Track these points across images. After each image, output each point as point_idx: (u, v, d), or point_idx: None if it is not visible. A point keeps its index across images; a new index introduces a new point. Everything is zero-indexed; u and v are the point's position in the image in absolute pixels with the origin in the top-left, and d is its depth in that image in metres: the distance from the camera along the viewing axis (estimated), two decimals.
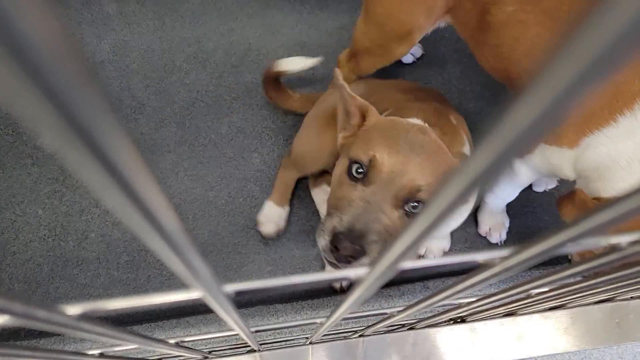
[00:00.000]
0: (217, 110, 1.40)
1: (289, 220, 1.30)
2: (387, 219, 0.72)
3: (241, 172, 1.35)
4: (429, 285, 1.28)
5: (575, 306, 0.62)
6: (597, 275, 0.44)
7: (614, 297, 0.61)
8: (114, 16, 1.48)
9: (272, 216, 1.28)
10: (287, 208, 1.29)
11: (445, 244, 1.30)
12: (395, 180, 0.72)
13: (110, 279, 1.26)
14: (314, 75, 1.45)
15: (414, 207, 0.73)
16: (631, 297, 0.62)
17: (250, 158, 1.37)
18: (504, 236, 1.31)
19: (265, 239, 1.29)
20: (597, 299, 0.62)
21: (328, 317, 0.44)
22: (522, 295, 0.46)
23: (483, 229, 1.31)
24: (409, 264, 0.25)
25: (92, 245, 1.28)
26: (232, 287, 0.29)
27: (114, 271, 1.26)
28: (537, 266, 1.19)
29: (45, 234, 1.28)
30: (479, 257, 0.27)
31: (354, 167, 0.76)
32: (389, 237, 0.71)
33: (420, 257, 1.31)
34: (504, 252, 0.24)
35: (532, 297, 0.46)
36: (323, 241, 0.74)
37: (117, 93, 1.40)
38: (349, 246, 0.70)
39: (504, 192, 1.18)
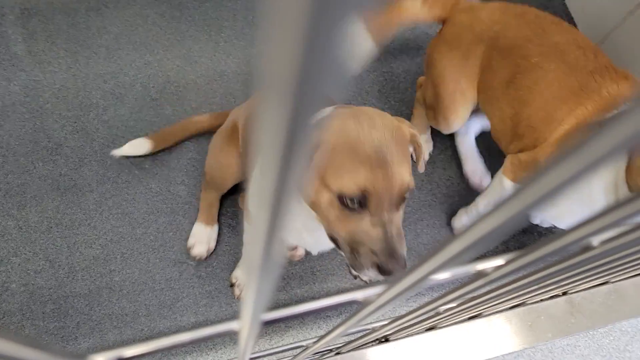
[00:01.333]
0: None
1: (218, 244, 1.30)
2: (399, 221, 0.77)
3: (169, 206, 1.33)
4: (329, 315, 1.30)
5: (492, 314, 0.66)
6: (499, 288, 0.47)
7: (525, 301, 0.65)
8: (23, 56, 1.43)
9: (202, 237, 1.29)
10: (215, 227, 1.31)
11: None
12: (390, 192, 0.74)
13: (36, 330, 1.20)
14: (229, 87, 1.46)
15: (405, 199, 0.78)
16: (541, 300, 0.66)
17: (177, 191, 1.35)
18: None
19: (196, 260, 1.28)
20: (509, 305, 0.65)
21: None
22: (432, 313, 0.48)
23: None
24: (282, 312, 0.26)
25: (14, 297, 1.22)
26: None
27: (40, 321, 1.20)
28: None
29: None
30: (359, 295, 0.28)
31: (347, 200, 0.76)
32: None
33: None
34: (378, 290, 0.25)
35: (442, 313, 0.48)
36: (371, 274, 0.76)
37: (31, 135, 1.35)
38: (396, 266, 0.74)
39: None
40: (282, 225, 0.15)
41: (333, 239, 0.81)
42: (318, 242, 0.97)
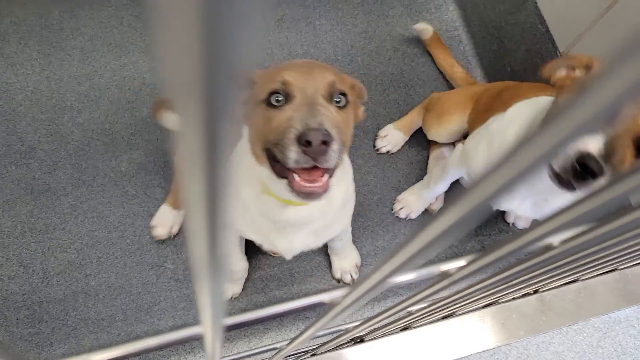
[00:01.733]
0: (115, 148, 1.36)
1: None
2: (331, 114, 0.73)
3: (145, 209, 1.32)
4: (307, 315, 1.31)
5: (464, 312, 0.67)
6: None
7: (497, 300, 0.66)
8: None
9: (167, 219, 1.28)
10: (182, 211, 1.29)
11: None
12: (314, 83, 0.74)
13: (10, 337, 1.18)
14: None
15: (338, 101, 0.76)
16: (513, 298, 0.67)
17: (153, 194, 1.34)
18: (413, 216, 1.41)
19: (156, 240, 1.28)
20: (482, 304, 0.66)
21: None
22: (404, 314, 0.48)
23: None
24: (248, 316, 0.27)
25: None
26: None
27: (13, 327, 1.18)
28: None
29: None
30: (326, 297, 0.29)
31: (272, 98, 0.75)
32: (340, 132, 0.72)
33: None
34: (343, 292, 0.25)
35: (414, 313, 0.49)
36: (293, 155, 0.69)
37: (4, 139, 1.33)
38: (318, 134, 0.67)
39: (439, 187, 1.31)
40: (225, 207, 0.14)
41: (269, 153, 0.76)
42: (291, 244, 0.97)
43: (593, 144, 0.73)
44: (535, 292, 0.66)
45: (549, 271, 0.45)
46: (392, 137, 1.46)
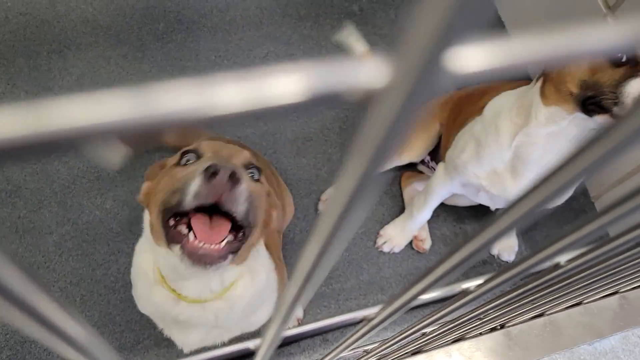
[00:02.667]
0: (100, 186, 1.38)
1: None
2: (245, 176, 0.66)
3: (130, 247, 1.33)
4: (328, 338, 1.30)
5: (432, 349, 0.67)
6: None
7: (464, 335, 0.66)
8: None
9: None
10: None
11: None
12: (229, 151, 0.72)
13: None
14: None
15: (252, 174, 0.71)
16: (480, 333, 0.68)
17: (138, 231, 1.34)
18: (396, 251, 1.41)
19: None
20: (450, 339, 0.67)
21: None
22: (418, 335, 0.49)
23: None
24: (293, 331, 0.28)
25: None
26: None
27: None
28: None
29: None
30: (358, 314, 0.30)
31: (183, 159, 0.70)
32: (252, 202, 0.66)
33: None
34: (375, 309, 0.27)
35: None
36: (194, 186, 0.62)
37: None
38: (226, 168, 0.61)
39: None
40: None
41: (165, 216, 0.68)
42: (187, 338, 0.92)
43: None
44: (502, 327, 0.67)
45: (515, 303, 0.46)
46: None
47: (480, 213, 1.45)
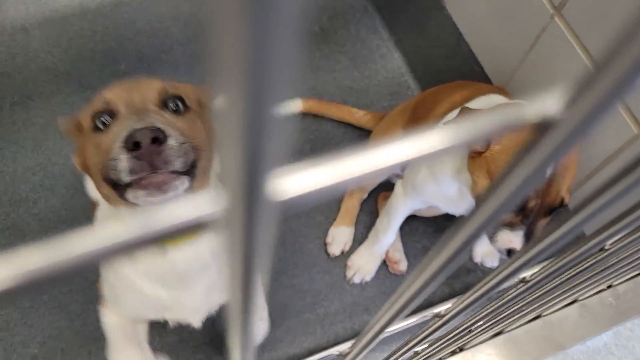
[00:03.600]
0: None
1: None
2: (165, 117, 0.66)
3: None
4: None
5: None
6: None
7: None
8: None
9: (342, 237, 1.37)
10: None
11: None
12: (140, 94, 0.69)
13: None
14: None
15: (175, 107, 0.69)
16: (439, 359, 0.67)
17: None
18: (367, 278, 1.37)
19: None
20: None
21: None
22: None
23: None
24: None
25: None
26: None
27: None
28: None
29: None
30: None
31: (97, 122, 0.68)
32: (185, 133, 0.64)
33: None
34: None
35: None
36: (123, 163, 0.60)
37: None
38: (145, 131, 0.59)
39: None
40: None
41: (109, 182, 0.66)
42: (194, 301, 0.87)
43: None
44: (461, 349, 0.65)
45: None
46: (339, 238, 1.37)
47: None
